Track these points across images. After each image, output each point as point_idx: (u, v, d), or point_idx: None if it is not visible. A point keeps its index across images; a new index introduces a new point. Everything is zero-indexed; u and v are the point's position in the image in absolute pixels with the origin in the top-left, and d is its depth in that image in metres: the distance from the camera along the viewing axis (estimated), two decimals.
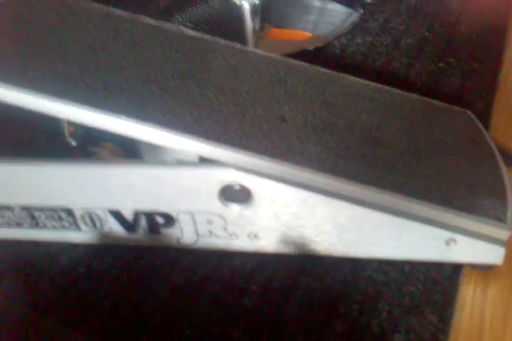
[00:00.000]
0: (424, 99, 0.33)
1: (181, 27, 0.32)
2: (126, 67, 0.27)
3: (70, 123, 0.29)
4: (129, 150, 0.30)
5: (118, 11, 0.32)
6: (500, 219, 0.25)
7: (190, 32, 0.32)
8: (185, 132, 0.24)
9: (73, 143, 0.30)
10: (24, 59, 0.25)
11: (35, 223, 0.28)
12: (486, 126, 0.34)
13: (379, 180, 0.25)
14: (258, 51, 0.32)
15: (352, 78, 0.33)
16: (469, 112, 0.32)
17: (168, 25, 0.32)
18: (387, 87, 0.33)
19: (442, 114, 0.31)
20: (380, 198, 0.24)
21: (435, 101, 0.33)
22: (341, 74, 0.33)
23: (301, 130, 0.26)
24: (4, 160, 0.26)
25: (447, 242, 0.25)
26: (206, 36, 0.32)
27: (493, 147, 0.29)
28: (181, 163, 0.25)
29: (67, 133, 0.30)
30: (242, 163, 0.24)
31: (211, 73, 0.28)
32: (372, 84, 0.33)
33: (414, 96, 0.33)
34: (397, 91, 0.33)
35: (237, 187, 0.25)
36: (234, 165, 0.24)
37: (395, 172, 0.25)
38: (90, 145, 0.30)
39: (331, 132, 0.27)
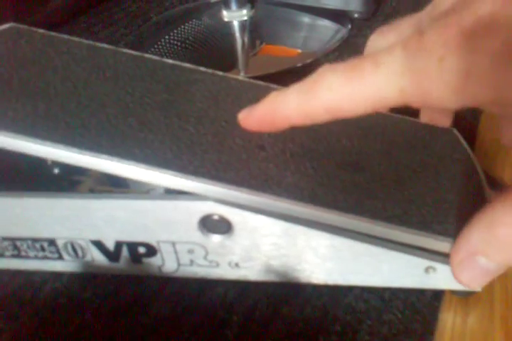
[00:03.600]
0: (408, 118, 0.33)
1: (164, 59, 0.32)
2: (107, 102, 0.27)
3: None
4: (114, 178, 0.30)
5: (101, 45, 0.32)
6: None
7: (171, 61, 0.32)
8: (162, 167, 0.24)
9: (56, 171, 0.30)
10: (4, 99, 0.26)
11: (17, 252, 0.28)
12: (472, 144, 0.33)
13: (357, 207, 0.24)
14: (239, 77, 0.32)
15: None
16: (455, 130, 0.32)
17: (149, 55, 0.32)
18: None
19: (426, 134, 0.31)
20: (358, 225, 0.24)
21: (420, 121, 0.33)
22: None
23: (279, 158, 0.26)
24: None
25: (426, 270, 0.25)
26: (187, 65, 0.32)
27: (478, 167, 0.29)
28: (161, 194, 0.25)
29: (49, 161, 0.30)
30: (218, 195, 0.24)
31: (191, 103, 0.28)
32: None
33: (397, 116, 0.33)
34: (381, 113, 0.33)
35: (217, 218, 0.25)
36: (211, 197, 0.24)
37: (373, 197, 0.25)
38: (74, 174, 0.30)
39: (310, 159, 0.27)
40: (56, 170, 0.31)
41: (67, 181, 0.30)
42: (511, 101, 0.19)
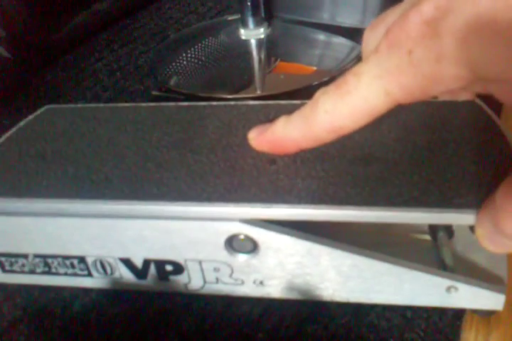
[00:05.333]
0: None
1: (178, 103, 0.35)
2: (128, 153, 0.29)
3: None
4: None
5: (122, 104, 0.36)
6: None
7: (186, 103, 0.34)
8: (177, 200, 0.25)
9: None
10: (40, 170, 0.29)
11: (47, 269, 0.29)
12: (498, 111, 0.31)
13: (371, 198, 0.25)
14: (250, 102, 0.34)
15: None
16: (477, 100, 0.31)
17: (165, 103, 0.35)
18: None
19: (445, 111, 0.31)
20: (373, 216, 0.24)
21: (437, 100, 0.32)
22: None
23: (290, 167, 0.27)
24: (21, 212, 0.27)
25: (448, 289, 0.26)
26: (200, 103, 0.34)
27: (505, 132, 0.28)
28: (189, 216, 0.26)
29: None
30: (232, 215, 0.25)
31: (204, 137, 0.30)
32: None
33: None
34: None
35: (243, 238, 0.26)
36: (228, 218, 0.25)
37: (388, 185, 0.25)
38: None
39: (321, 161, 0.27)
40: None
41: None
42: (490, 76, 0.19)
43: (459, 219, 0.24)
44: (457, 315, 0.27)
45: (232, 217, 0.25)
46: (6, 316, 0.29)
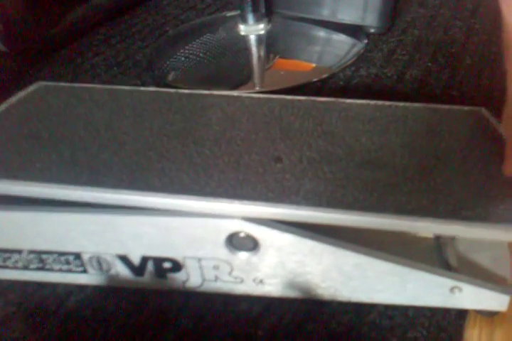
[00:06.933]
0: (430, 105, 0.32)
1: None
2: (128, 140, 0.28)
3: None
4: None
5: (121, 87, 0.35)
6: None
7: (186, 90, 0.33)
8: (179, 193, 0.25)
9: None
10: (33, 152, 0.28)
11: (41, 265, 0.29)
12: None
13: (379, 204, 0.24)
14: (253, 95, 0.33)
15: (350, 101, 0.33)
16: (483, 110, 0.31)
17: (165, 89, 0.34)
18: (388, 103, 0.32)
19: (451, 118, 0.31)
20: (381, 223, 0.24)
21: (443, 106, 0.32)
22: (339, 100, 0.33)
23: (296, 167, 0.26)
24: (15, 207, 0.27)
25: (452, 290, 0.25)
26: (202, 91, 0.33)
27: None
28: (189, 212, 0.25)
29: None
30: (234, 212, 0.24)
31: (208, 127, 0.29)
32: (372, 102, 0.33)
33: (418, 105, 0.32)
34: (400, 104, 0.32)
35: (244, 236, 0.25)
36: (230, 216, 0.25)
37: (396, 192, 0.25)
38: None
39: (328, 163, 0.27)
40: None
41: None
42: None
43: (467, 231, 0.23)
44: (460, 314, 0.27)
45: (235, 214, 0.25)
46: None
